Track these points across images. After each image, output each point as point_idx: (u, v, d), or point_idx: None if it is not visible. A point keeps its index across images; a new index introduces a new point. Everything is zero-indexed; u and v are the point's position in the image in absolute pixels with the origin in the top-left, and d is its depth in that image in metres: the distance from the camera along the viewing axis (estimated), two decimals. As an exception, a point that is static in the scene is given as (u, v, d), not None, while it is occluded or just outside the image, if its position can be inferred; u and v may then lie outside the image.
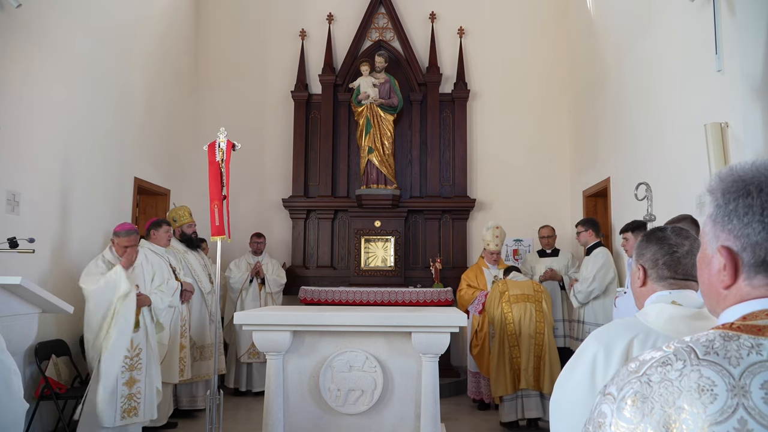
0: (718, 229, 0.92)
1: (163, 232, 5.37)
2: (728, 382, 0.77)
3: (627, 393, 0.83)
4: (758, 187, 0.87)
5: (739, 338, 0.83)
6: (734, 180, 0.90)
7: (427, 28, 8.20)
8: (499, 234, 6.20)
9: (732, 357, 0.80)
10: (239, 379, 6.71)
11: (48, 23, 4.91)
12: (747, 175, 0.89)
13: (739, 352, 0.81)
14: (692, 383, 0.79)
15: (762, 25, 3.63)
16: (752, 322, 0.85)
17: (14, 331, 3.60)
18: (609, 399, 0.85)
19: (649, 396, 0.81)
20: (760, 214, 0.86)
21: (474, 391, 6.08)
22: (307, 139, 8.01)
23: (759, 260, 0.87)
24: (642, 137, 5.35)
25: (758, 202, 0.87)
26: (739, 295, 0.90)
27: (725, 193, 0.91)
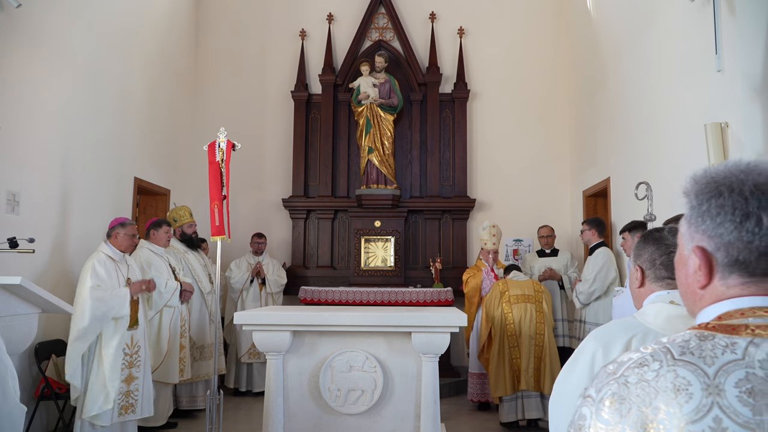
0: (693, 230, 0.93)
1: (162, 233, 5.38)
2: (703, 382, 0.78)
3: (605, 394, 0.84)
4: (729, 188, 0.88)
5: (714, 338, 0.84)
6: (707, 181, 0.92)
7: (427, 28, 8.20)
8: (496, 233, 6.20)
9: (707, 356, 0.81)
10: (239, 379, 6.71)
11: (48, 23, 4.91)
12: (719, 176, 0.91)
13: (714, 351, 0.82)
14: (668, 383, 0.79)
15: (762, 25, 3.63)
16: (727, 322, 0.86)
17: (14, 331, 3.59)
18: (588, 401, 0.86)
19: (627, 397, 0.81)
20: (732, 213, 0.87)
21: (479, 393, 5.99)
22: (307, 139, 8.02)
23: (732, 260, 0.88)
24: (642, 137, 5.35)
25: (729, 202, 0.88)
26: (714, 295, 0.91)
27: (698, 194, 0.92)
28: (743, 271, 0.88)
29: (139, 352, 4.54)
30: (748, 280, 0.88)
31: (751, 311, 0.86)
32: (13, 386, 2.01)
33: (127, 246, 4.62)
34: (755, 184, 0.87)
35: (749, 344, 0.81)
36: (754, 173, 0.88)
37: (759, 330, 0.83)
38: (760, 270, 0.87)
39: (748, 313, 0.86)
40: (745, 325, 0.84)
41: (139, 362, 4.52)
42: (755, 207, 0.86)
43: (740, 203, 0.87)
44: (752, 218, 0.86)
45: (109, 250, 4.53)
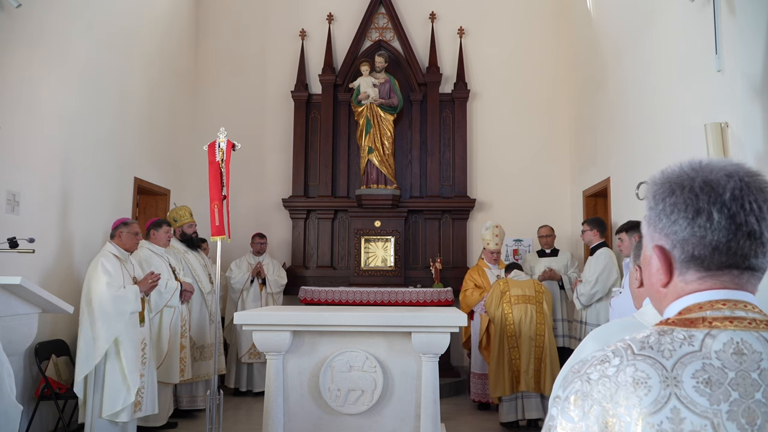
0: (652, 230, 0.95)
1: (163, 233, 5.38)
2: (661, 374, 0.80)
3: (570, 392, 0.86)
4: (681, 186, 0.91)
5: (673, 332, 0.86)
6: (662, 182, 0.94)
7: (427, 28, 8.20)
8: (499, 233, 6.19)
9: (665, 350, 0.83)
10: (239, 379, 6.71)
11: (48, 23, 4.91)
12: (673, 176, 0.93)
13: (673, 344, 0.83)
14: (628, 377, 0.81)
15: (762, 25, 3.63)
16: (686, 316, 0.88)
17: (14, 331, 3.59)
18: (557, 401, 0.88)
19: (589, 393, 0.83)
20: (684, 210, 0.89)
21: (480, 393, 5.98)
22: (307, 139, 8.02)
23: (688, 256, 0.90)
24: (642, 137, 5.34)
25: (681, 199, 0.90)
26: (675, 292, 0.93)
27: (655, 194, 0.95)
28: (699, 266, 0.90)
29: (145, 349, 4.58)
30: (705, 275, 0.90)
31: (708, 304, 0.88)
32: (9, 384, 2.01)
33: (131, 245, 4.70)
34: (705, 181, 0.89)
35: (706, 336, 0.83)
36: (705, 170, 0.91)
37: (716, 322, 0.85)
38: (714, 264, 0.89)
39: (705, 306, 0.88)
40: (702, 318, 0.86)
41: (145, 360, 4.56)
42: (705, 202, 0.88)
43: (691, 200, 0.89)
44: (703, 213, 0.88)
45: (114, 249, 4.61)
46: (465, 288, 6.22)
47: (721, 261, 0.89)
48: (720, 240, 0.88)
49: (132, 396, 4.31)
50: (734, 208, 0.87)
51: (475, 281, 6.20)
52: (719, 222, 0.87)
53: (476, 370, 6.01)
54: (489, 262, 6.27)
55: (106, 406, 4.27)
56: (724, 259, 0.89)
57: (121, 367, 4.32)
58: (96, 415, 4.29)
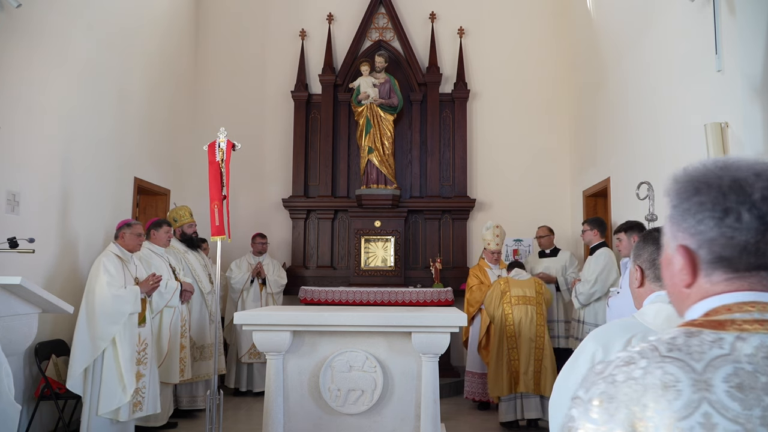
0: (675, 229, 0.93)
1: (163, 233, 5.39)
2: (691, 377, 0.78)
3: (593, 394, 0.83)
4: (707, 184, 0.88)
5: (701, 334, 0.83)
6: (686, 180, 0.91)
7: (427, 28, 8.20)
8: (500, 233, 6.19)
9: (694, 352, 0.80)
10: (240, 379, 6.71)
11: (48, 23, 4.91)
12: (698, 174, 0.91)
13: (702, 347, 0.81)
14: (656, 380, 0.79)
15: (762, 25, 3.63)
16: (713, 318, 0.86)
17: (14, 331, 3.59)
18: (577, 402, 0.85)
19: (615, 396, 0.81)
20: (711, 210, 0.87)
21: (478, 392, 5.99)
22: (307, 139, 8.02)
23: (716, 256, 0.88)
24: (642, 137, 5.34)
25: (709, 198, 0.88)
26: (700, 293, 0.91)
27: (679, 193, 0.92)
28: (727, 267, 0.88)
29: (146, 349, 4.59)
30: (733, 276, 0.88)
31: (737, 306, 0.86)
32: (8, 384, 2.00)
33: (134, 245, 4.73)
34: (733, 179, 0.87)
35: (736, 339, 0.81)
36: (732, 169, 0.88)
37: (745, 325, 0.83)
38: (743, 265, 0.87)
39: (734, 308, 0.86)
40: (731, 321, 0.84)
41: (146, 360, 4.57)
42: (734, 202, 0.86)
43: (719, 199, 0.87)
44: (732, 214, 0.86)
45: (117, 250, 4.65)
46: (470, 285, 6.21)
47: (749, 262, 0.87)
48: (749, 241, 0.86)
49: (126, 396, 4.30)
50: (764, 209, 0.85)
51: (479, 278, 6.21)
52: (749, 222, 0.85)
53: (472, 369, 6.03)
54: (490, 262, 6.27)
55: (102, 404, 4.28)
56: (752, 261, 0.87)
57: (117, 367, 4.32)
58: (94, 413, 4.29)
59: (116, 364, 4.33)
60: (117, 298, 4.37)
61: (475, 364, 5.98)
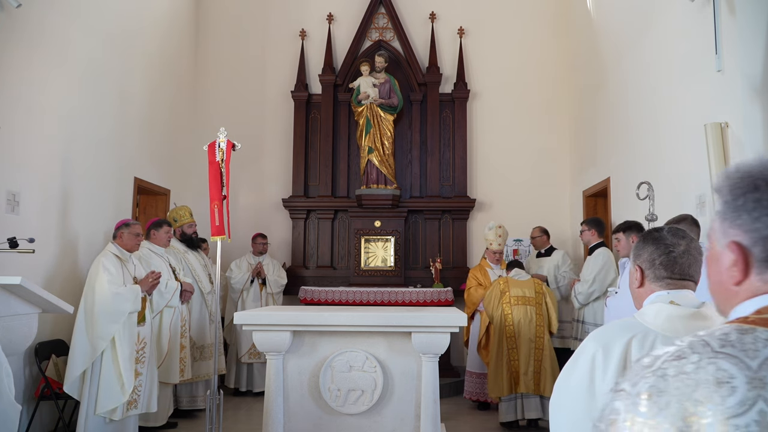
0: (727, 226, 0.91)
1: (163, 233, 5.39)
2: (746, 375, 0.76)
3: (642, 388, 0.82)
4: (766, 181, 0.87)
5: (755, 331, 0.82)
6: (741, 176, 0.90)
7: (427, 28, 8.20)
8: (502, 233, 6.19)
9: (749, 349, 0.79)
10: (240, 379, 6.71)
11: (48, 23, 4.91)
12: (754, 171, 0.89)
13: (756, 344, 0.79)
14: (709, 376, 0.77)
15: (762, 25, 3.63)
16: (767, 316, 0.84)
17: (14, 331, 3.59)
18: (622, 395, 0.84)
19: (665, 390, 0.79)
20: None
21: (478, 392, 6.00)
22: (307, 139, 8.02)
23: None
24: (642, 137, 5.35)
25: (766, 196, 0.86)
26: (751, 291, 0.89)
27: (733, 189, 0.90)
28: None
29: (145, 348, 4.59)
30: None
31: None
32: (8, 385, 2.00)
33: (132, 245, 4.73)
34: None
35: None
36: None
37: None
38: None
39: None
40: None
41: (144, 359, 4.57)
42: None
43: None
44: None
45: (116, 250, 4.64)
46: (469, 286, 6.22)
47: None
48: None
49: (125, 395, 4.31)
50: None
51: (478, 279, 6.21)
52: None
53: (472, 369, 6.03)
54: (491, 262, 6.26)
55: (100, 403, 4.28)
56: None
57: (116, 366, 4.32)
58: (91, 412, 4.29)
59: (115, 364, 4.33)
60: (117, 296, 4.37)
61: (475, 364, 5.98)
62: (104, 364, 4.33)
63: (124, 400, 4.31)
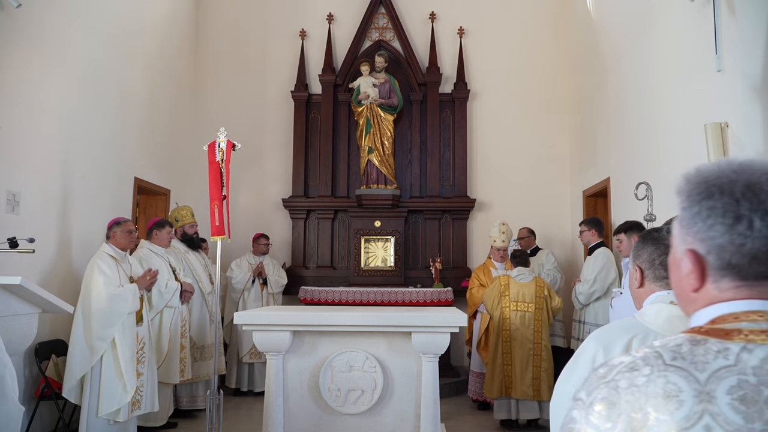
0: (684, 232, 0.91)
1: (165, 233, 5.38)
2: (694, 388, 0.77)
3: (595, 398, 0.82)
4: (720, 189, 0.86)
5: (707, 342, 0.82)
6: (698, 182, 0.89)
7: (427, 28, 8.20)
8: (506, 230, 6.21)
9: (699, 362, 0.79)
10: (240, 379, 6.71)
11: (48, 23, 4.91)
12: (711, 176, 0.88)
13: (706, 357, 0.80)
14: (658, 389, 0.78)
15: (762, 25, 3.63)
16: (720, 326, 0.84)
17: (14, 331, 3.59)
18: (579, 404, 0.84)
19: (617, 402, 0.80)
20: (723, 216, 0.85)
21: (478, 392, 6.02)
22: (307, 139, 8.02)
23: (725, 263, 0.86)
24: (642, 137, 5.34)
25: (720, 203, 0.85)
26: (707, 299, 0.89)
27: (690, 195, 0.90)
28: (736, 275, 0.86)
29: (144, 348, 4.58)
30: (741, 284, 0.86)
31: (745, 315, 0.84)
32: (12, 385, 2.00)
33: (126, 243, 4.66)
34: (746, 185, 0.84)
35: (742, 350, 0.79)
36: (747, 173, 0.86)
37: (752, 335, 0.81)
38: (752, 273, 0.85)
39: (742, 317, 0.84)
40: (738, 330, 0.82)
41: (144, 359, 4.56)
42: (746, 209, 0.83)
43: (731, 205, 0.84)
44: (744, 221, 0.83)
45: (110, 250, 4.58)
46: (471, 286, 6.26)
47: (759, 271, 0.85)
48: (760, 249, 0.83)
49: (128, 396, 4.30)
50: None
51: (480, 280, 6.22)
52: (761, 230, 0.83)
53: (475, 369, 6.03)
54: (496, 261, 6.26)
55: (102, 405, 4.26)
56: (762, 269, 0.84)
57: (117, 367, 4.31)
58: (93, 415, 4.28)
59: (116, 365, 4.32)
60: (115, 297, 4.34)
61: (477, 363, 5.99)
62: (105, 365, 4.31)
63: (126, 401, 4.30)
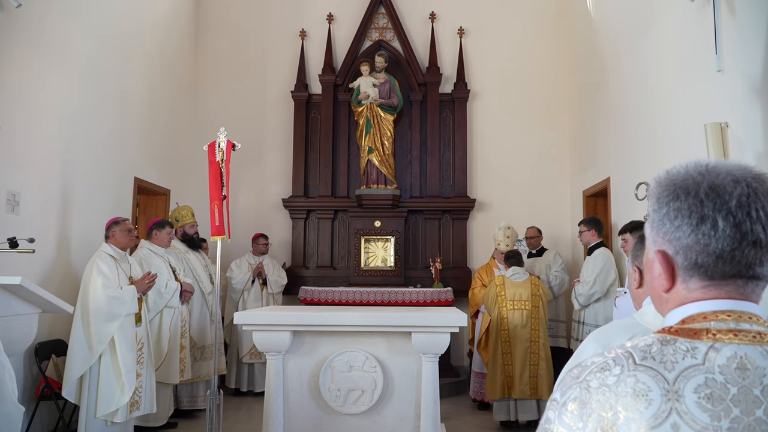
0: (655, 234, 0.93)
1: (165, 233, 5.38)
2: (662, 387, 0.78)
3: (568, 398, 0.84)
4: (686, 191, 0.88)
5: (676, 342, 0.84)
6: (667, 184, 0.91)
7: (427, 28, 8.20)
8: (511, 234, 6.23)
9: (668, 361, 0.81)
10: (241, 379, 6.71)
11: (48, 23, 4.91)
12: (678, 179, 0.90)
13: (675, 356, 0.81)
14: (628, 388, 0.79)
15: (762, 25, 3.63)
16: (689, 326, 0.86)
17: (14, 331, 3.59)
18: (554, 404, 0.86)
19: (588, 401, 0.81)
20: (689, 216, 0.87)
21: (478, 391, 6.03)
22: (307, 139, 8.02)
23: (692, 263, 0.88)
24: (642, 137, 5.34)
25: (686, 205, 0.87)
26: (678, 299, 0.90)
27: (659, 197, 0.92)
28: (703, 275, 0.88)
29: (143, 349, 4.58)
30: (709, 284, 0.88)
31: (713, 315, 0.86)
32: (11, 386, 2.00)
33: (126, 242, 4.67)
34: (711, 186, 0.86)
35: (710, 349, 0.81)
36: (712, 174, 0.88)
37: (720, 334, 0.83)
38: (718, 273, 0.87)
39: (710, 316, 0.85)
40: (706, 329, 0.84)
41: (143, 359, 4.56)
42: (710, 209, 0.85)
43: (696, 206, 0.86)
44: (708, 221, 0.85)
45: (110, 249, 4.59)
46: (473, 286, 6.30)
47: (724, 270, 0.87)
48: (724, 249, 0.85)
49: (126, 397, 4.29)
50: (740, 216, 0.84)
51: (482, 280, 6.23)
52: (724, 230, 0.85)
53: (476, 369, 6.04)
54: (499, 263, 6.27)
55: (100, 406, 4.26)
56: (728, 269, 0.86)
57: (116, 368, 4.31)
58: (91, 416, 4.28)
59: (115, 366, 4.32)
60: (113, 299, 4.34)
61: (478, 363, 6.01)
62: (103, 366, 4.31)
63: (124, 402, 4.30)
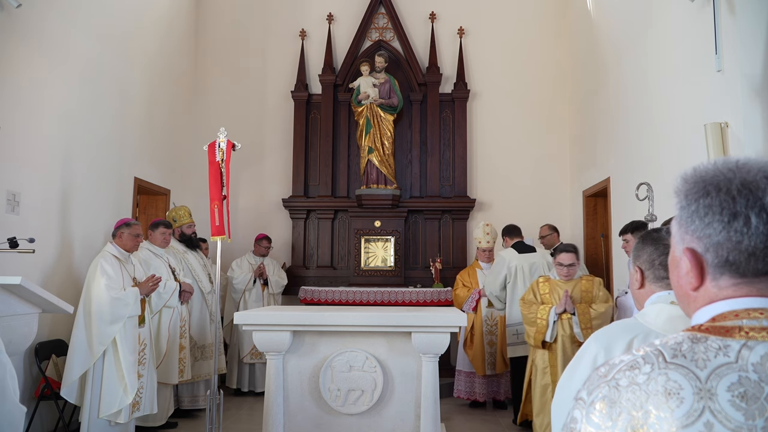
0: (683, 231, 0.91)
1: (158, 234, 5.38)
2: (695, 385, 0.77)
3: (596, 397, 0.83)
4: (717, 187, 0.86)
5: (707, 340, 0.82)
6: (695, 181, 0.90)
7: (427, 28, 8.20)
8: (490, 231, 6.24)
9: (699, 359, 0.80)
10: (241, 379, 6.71)
11: (48, 23, 4.91)
12: (707, 175, 0.89)
13: (707, 354, 0.80)
14: (659, 387, 0.78)
15: (762, 25, 3.63)
16: (720, 324, 0.85)
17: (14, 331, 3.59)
18: (580, 404, 0.85)
19: (617, 400, 0.80)
20: (720, 213, 0.85)
21: (467, 391, 6.06)
22: (307, 139, 8.01)
23: (722, 260, 0.86)
24: (642, 137, 5.34)
25: (717, 201, 0.86)
26: (707, 297, 0.89)
27: (687, 194, 0.90)
28: (734, 272, 0.86)
29: (145, 350, 4.58)
30: (740, 281, 0.86)
31: (745, 312, 0.84)
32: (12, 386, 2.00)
33: (131, 246, 4.70)
34: (743, 182, 0.85)
35: (743, 347, 0.80)
36: (743, 171, 0.86)
37: (753, 332, 0.82)
38: (750, 270, 0.85)
39: (742, 314, 0.84)
40: (738, 327, 0.83)
41: (145, 360, 4.56)
42: (743, 206, 0.84)
43: (728, 203, 0.85)
44: (740, 218, 0.84)
45: (114, 250, 4.60)
46: (455, 288, 6.34)
47: (757, 268, 0.85)
48: (757, 246, 0.84)
49: (129, 398, 4.30)
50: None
51: (463, 281, 6.26)
52: (757, 227, 0.83)
53: (464, 368, 6.10)
54: (482, 261, 6.31)
55: (103, 407, 4.27)
56: (760, 266, 0.85)
57: (118, 369, 4.32)
58: (94, 416, 4.29)
59: (117, 366, 4.32)
60: (116, 300, 4.35)
61: (464, 362, 6.05)
62: (106, 366, 4.32)
63: (127, 403, 4.30)
